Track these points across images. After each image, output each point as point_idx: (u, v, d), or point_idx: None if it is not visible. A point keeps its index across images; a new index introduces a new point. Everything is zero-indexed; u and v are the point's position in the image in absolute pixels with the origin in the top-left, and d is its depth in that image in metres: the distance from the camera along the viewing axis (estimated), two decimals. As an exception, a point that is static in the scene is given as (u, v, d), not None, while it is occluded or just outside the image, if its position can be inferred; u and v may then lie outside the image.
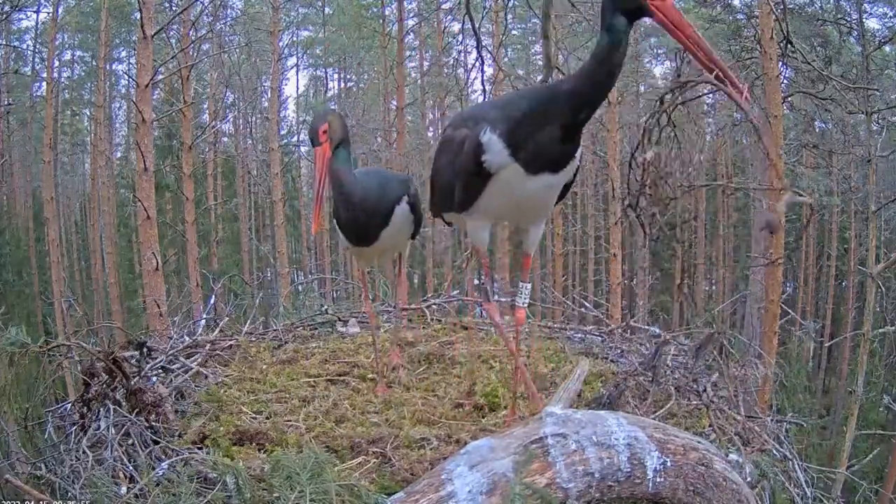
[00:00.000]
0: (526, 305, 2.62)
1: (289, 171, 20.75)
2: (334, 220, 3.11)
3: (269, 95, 14.22)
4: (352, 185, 2.83)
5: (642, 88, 20.81)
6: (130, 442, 2.42)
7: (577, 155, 2.30)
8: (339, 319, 4.37)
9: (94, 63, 20.35)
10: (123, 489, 2.17)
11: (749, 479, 2.38)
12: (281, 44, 16.17)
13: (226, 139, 23.40)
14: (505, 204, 2.38)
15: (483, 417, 2.84)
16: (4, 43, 17.58)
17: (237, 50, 18.15)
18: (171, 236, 15.51)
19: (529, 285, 2.64)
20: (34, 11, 16.68)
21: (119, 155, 22.50)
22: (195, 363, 3.33)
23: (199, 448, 2.44)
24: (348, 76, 26.44)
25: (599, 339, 4.05)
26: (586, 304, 5.11)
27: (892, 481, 9.49)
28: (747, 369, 2.95)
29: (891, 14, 12.28)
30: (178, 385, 3.05)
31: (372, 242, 3.03)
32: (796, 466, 2.78)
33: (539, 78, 6.00)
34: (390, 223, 2.99)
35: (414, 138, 18.60)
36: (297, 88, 27.04)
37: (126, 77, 18.89)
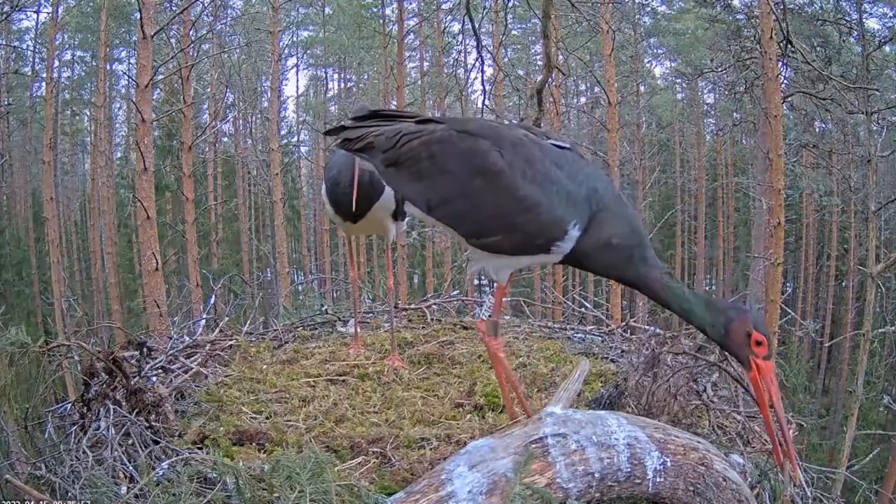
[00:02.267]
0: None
1: (289, 172, 20.77)
2: (326, 198, 3.47)
3: (269, 95, 14.22)
4: (362, 175, 3.22)
5: (642, 89, 20.85)
6: (130, 442, 2.42)
7: None
8: (339, 319, 4.36)
9: (94, 63, 20.37)
10: (123, 489, 2.17)
11: (749, 479, 2.38)
12: (281, 44, 16.17)
13: (226, 139, 23.44)
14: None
15: (483, 417, 2.84)
16: (4, 43, 17.59)
17: (237, 50, 18.16)
18: (171, 236, 15.52)
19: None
20: (34, 11, 16.70)
21: (119, 155, 22.53)
22: (195, 363, 3.33)
23: (199, 448, 2.44)
24: (348, 76, 26.47)
25: (599, 339, 4.05)
26: (586, 304, 5.11)
27: (892, 481, 9.49)
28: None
29: (891, 14, 12.29)
30: (178, 385, 3.04)
31: (357, 221, 3.40)
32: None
33: (538, 78, 5.99)
34: (376, 203, 3.32)
35: (414, 138, 18.55)
36: (297, 88, 27.10)
37: (126, 77, 18.92)
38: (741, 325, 2.14)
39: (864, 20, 10.52)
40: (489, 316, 2.60)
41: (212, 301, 5.71)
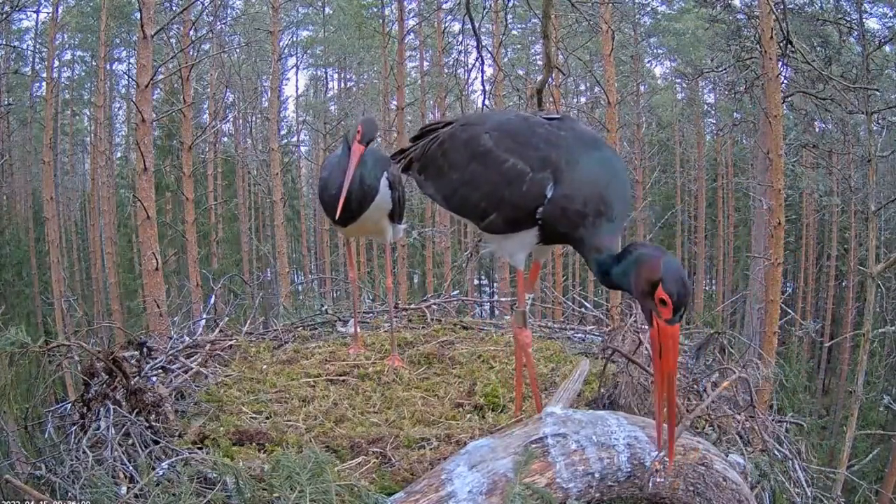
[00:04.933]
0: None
1: (289, 171, 20.76)
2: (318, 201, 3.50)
3: (269, 95, 14.22)
4: (352, 181, 3.14)
5: (642, 89, 20.84)
6: (130, 442, 2.42)
7: None
8: (339, 319, 4.36)
9: (94, 63, 20.36)
10: (123, 489, 2.17)
11: (749, 479, 2.38)
12: (281, 44, 16.16)
13: (226, 139, 23.43)
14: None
15: (483, 417, 2.84)
16: (4, 43, 17.57)
17: (237, 50, 18.16)
18: (171, 236, 15.52)
19: (532, 295, 2.64)
20: (34, 11, 16.70)
21: (119, 155, 22.53)
22: (195, 363, 3.33)
23: (199, 448, 2.44)
24: (348, 76, 26.46)
25: (599, 339, 4.04)
26: (586, 304, 5.10)
27: (892, 481, 9.49)
28: (747, 369, 2.95)
29: (891, 14, 12.29)
30: (178, 385, 3.04)
31: (349, 224, 3.35)
32: (797, 466, 2.78)
33: (538, 78, 5.99)
34: (371, 205, 3.31)
35: (414, 138, 18.57)
36: (297, 88, 27.08)
37: (126, 77, 18.93)
38: (647, 272, 1.85)
39: (864, 20, 10.53)
40: (515, 307, 2.60)
41: (212, 301, 5.70)
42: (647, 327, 2.48)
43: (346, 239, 4.09)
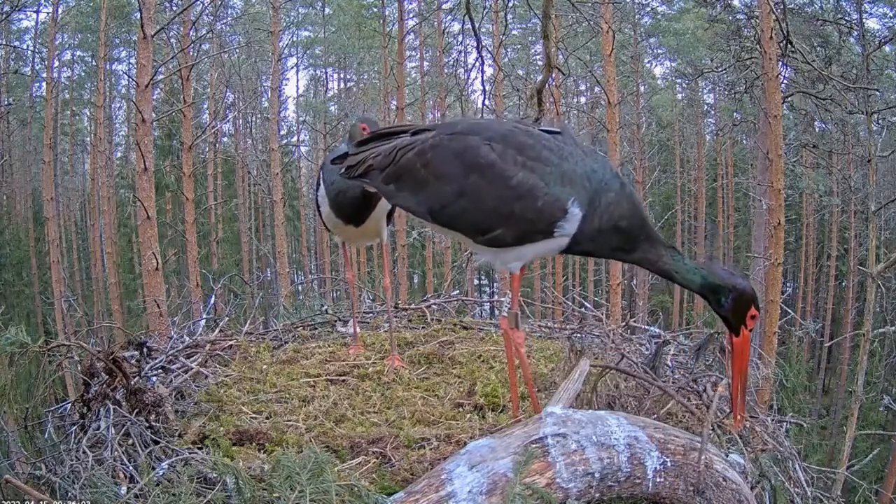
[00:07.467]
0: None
1: (289, 172, 20.77)
2: (325, 203, 3.43)
3: (269, 95, 14.23)
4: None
5: (642, 89, 20.84)
6: (130, 442, 2.42)
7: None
8: (339, 319, 4.36)
9: (94, 63, 20.37)
10: (123, 489, 2.17)
11: (749, 479, 2.38)
12: (281, 44, 16.17)
13: (226, 139, 23.45)
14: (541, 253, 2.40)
15: (483, 417, 2.83)
16: (4, 43, 17.59)
17: (237, 50, 18.18)
18: (171, 236, 15.53)
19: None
20: (34, 11, 16.71)
21: (119, 155, 22.57)
22: (195, 363, 3.32)
23: (199, 448, 2.43)
24: (348, 76, 26.49)
25: (599, 339, 4.04)
26: (586, 304, 5.10)
27: (892, 481, 9.50)
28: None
29: (891, 14, 12.29)
30: (178, 385, 3.04)
31: (360, 225, 3.41)
32: (797, 466, 2.78)
33: (538, 78, 5.99)
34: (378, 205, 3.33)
35: (414, 138, 18.56)
36: (297, 88, 27.10)
37: (126, 77, 18.93)
38: (747, 299, 2.26)
39: (864, 20, 10.53)
40: (508, 309, 2.59)
41: (212, 301, 5.72)
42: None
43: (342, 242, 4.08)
